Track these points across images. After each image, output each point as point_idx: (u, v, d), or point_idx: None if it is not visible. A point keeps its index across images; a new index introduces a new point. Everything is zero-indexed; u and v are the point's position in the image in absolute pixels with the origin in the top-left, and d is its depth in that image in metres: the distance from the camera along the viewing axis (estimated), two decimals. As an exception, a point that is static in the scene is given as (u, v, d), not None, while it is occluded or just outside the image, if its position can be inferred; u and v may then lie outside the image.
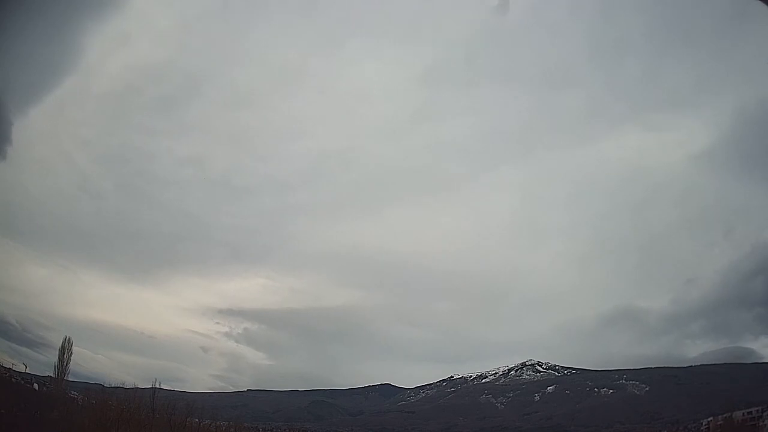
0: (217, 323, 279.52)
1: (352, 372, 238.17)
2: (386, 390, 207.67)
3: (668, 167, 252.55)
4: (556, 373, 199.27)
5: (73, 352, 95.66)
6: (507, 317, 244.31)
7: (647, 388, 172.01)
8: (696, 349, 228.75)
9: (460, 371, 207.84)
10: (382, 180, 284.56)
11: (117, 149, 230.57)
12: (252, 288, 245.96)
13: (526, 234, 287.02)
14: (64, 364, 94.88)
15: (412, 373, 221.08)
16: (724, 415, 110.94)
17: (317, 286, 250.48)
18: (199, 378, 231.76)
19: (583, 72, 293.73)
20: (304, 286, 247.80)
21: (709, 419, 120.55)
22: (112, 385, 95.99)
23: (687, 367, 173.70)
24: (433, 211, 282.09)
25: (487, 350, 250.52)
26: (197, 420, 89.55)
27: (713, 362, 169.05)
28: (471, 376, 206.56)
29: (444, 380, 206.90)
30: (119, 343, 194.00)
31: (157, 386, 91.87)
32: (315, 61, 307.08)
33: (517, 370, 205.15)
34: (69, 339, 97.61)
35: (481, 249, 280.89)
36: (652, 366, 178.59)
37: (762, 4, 13.99)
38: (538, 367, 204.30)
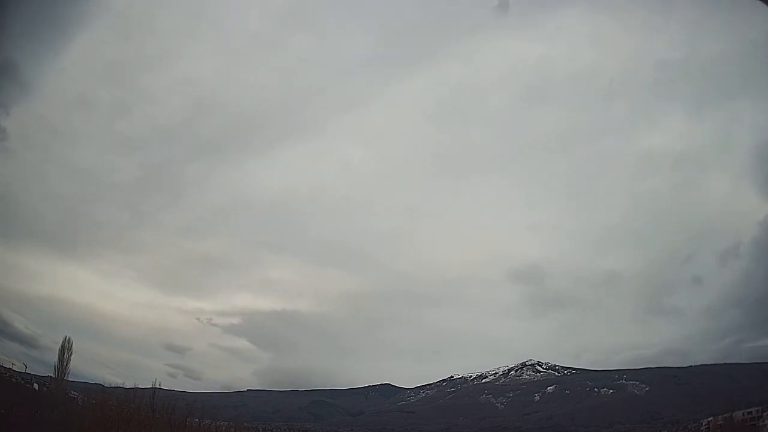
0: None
1: (349, 371, 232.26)
2: (386, 390, 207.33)
3: (648, 64, 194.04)
4: (556, 373, 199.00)
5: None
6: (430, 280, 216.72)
7: (647, 388, 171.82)
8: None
9: (460, 371, 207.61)
10: (265, 113, 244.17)
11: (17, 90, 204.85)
12: (167, 262, 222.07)
13: (445, 169, 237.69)
14: (64, 364, 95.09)
15: (412, 373, 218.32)
16: (724, 415, 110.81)
17: (232, 253, 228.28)
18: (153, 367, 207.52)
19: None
20: (221, 252, 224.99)
21: (709, 419, 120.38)
22: (112, 385, 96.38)
23: (687, 367, 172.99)
24: (328, 146, 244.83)
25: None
26: (197, 420, 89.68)
27: (713, 362, 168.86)
28: (471, 376, 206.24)
29: (444, 380, 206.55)
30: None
31: (157, 386, 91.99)
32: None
33: (517, 370, 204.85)
34: (69, 339, 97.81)
35: (388, 189, 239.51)
36: (652, 366, 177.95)
37: (762, 5, 13.97)
38: (538, 367, 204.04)
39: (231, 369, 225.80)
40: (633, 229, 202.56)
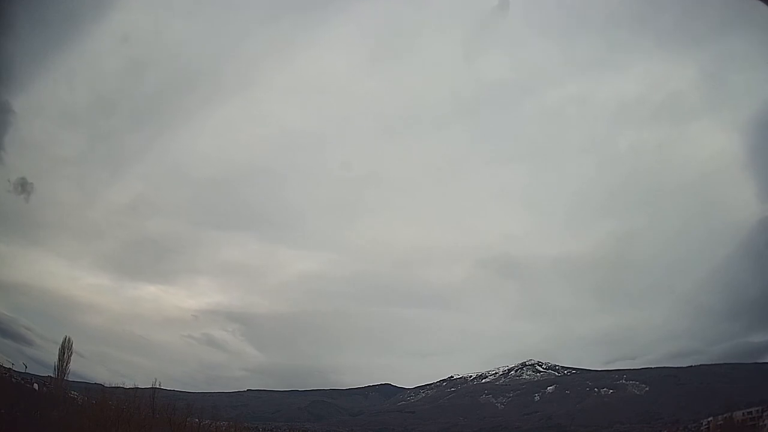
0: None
1: (350, 371, 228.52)
2: (386, 390, 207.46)
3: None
4: (556, 373, 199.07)
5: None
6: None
7: (647, 388, 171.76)
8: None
9: (460, 371, 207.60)
10: (195, 71, 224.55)
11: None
12: (119, 245, 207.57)
13: (391, 126, 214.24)
14: (64, 364, 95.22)
15: (412, 373, 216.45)
16: (724, 415, 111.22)
17: (180, 233, 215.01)
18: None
19: None
20: (169, 233, 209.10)
21: (709, 419, 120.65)
22: (112, 385, 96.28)
23: (687, 367, 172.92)
24: (262, 105, 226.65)
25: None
26: (197, 420, 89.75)
27: (713, 362, 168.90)
28: (471, 376, 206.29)
29: (444, 380, 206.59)
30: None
31: (157, 386, 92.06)
32: None
33: (517, 370, 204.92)
34: (69, 339, 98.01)
35: (330, 153, 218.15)
36: (652, 366, 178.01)
37: (762, 4, 13.97)
38: (538, 367, 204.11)
39: (201, 357, 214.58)
40: (607, 197, 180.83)
